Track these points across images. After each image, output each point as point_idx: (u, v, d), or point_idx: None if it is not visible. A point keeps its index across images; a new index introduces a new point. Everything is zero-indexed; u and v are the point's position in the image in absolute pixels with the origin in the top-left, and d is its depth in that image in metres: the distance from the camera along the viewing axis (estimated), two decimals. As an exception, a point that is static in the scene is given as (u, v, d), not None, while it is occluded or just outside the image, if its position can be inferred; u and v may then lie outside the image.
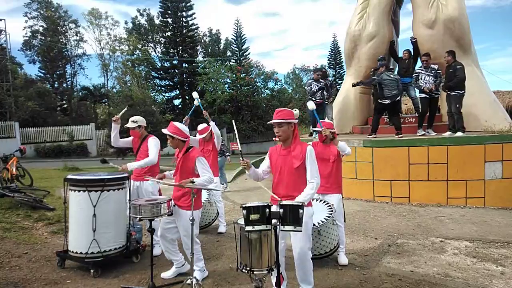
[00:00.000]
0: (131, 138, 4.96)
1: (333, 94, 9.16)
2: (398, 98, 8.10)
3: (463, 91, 7.36)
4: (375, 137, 8.07)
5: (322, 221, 4.12)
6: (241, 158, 3.26)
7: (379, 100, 8.18)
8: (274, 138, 3.26)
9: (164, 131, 3.85)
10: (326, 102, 9.24)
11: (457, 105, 7.40)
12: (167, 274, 4.05)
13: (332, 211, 4.23)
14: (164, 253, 4.10)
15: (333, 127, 4.51)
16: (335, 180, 4.36)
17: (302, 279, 3.27)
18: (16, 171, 9.12)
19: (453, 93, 7.42)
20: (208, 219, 5.65)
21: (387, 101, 7.95)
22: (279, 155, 3.31)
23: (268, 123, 3.31)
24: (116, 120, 4.75)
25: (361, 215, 6.59)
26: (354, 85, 8.89)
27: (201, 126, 5.88)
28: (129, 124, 4.75)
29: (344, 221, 4.50)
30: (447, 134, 7.61)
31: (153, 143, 4.72)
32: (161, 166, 5.30)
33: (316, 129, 4.60)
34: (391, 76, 7.99)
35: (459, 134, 7.38)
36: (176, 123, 3.92)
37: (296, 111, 4.37)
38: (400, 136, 7.88)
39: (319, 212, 4.22)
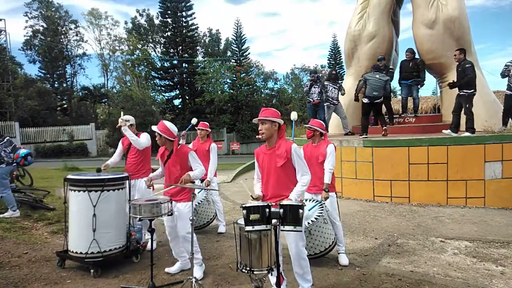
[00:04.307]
0: (119, 144, 5.10)
1: (334, 98, 9.14)
2: (380, 100, 8.10)
3: (472, 90, 7.22)
4: (366, 137, 8.11)
5: (312, 221, 4.10)
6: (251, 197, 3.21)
7: (362, 99, 8.29)
8: (257, 136, 3.29)
9: (154, 128, 3.92)
10: (336, 103, 9.20)
11: (467, 105, 7.27)
12: (171, 269, 4.11)
13: (322, 209, 4.22)
14: (172, 250, 4.15)
15: (323, 127, 4.51)
16: None
17: (300, 277, 3.29)
18: (16, 171, 9.11)
19: (461, 93, 7.29)
20: (207, 218, 5.65)
21: (366, 100, 8.09)
22: (264, 154, 3.34)
23: (253, 120, 3.34)
24: (106, 168, 4.80)
25: (361, 215, 6.58)
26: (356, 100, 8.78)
27: (203, 123, 5.89)
28: (121, 123, 4.84)
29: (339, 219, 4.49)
30: (447, 131, 7.58)
31: (144, 136, 4.93)
32: (154, 166, 5.32)
33: (305, 125, 4.63)
34: (376, 76, 8.01)
35: (466, 134, 7.30)
36: (166, 122, 3.95)
37: (293, 115, 4.39)
38: (384, 130, 8.01)
39: (309, 212, 4.21)
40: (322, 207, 4.24)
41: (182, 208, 3.87)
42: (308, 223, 4.07)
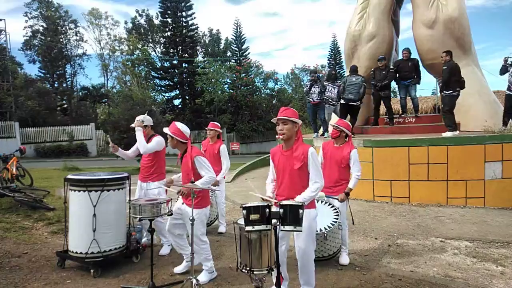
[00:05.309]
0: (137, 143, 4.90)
1: (334, 98, 9.19)
2: (356, 103, 8.41)
3: (450, 91, 7.38)
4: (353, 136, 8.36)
5: (329, 226, 4.15)
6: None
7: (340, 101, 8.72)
8: (277, 136, 3.22)
9: (166, 130, 3.85)
10: (336, 104, 9.25)
11: (443, 105, 7.54)
12: (179, 269, 4.10)
13: (338, 215, 4.24)
14: (175, 249, 4.14)
15: (350, 128, 4.40)
16: (342, 183, 4.31)
17: (305, 280, 3.26)
18: (16, 171, 9.12)
19: (443, 94, 7.52)
20: (208, 219, 5.64)
21: (342, 101, 8.50)
22: (281, 155, 3.27)
23: (272, 120, 3.27)
24: (114, 148, 4.73)
25: (361, 215, 6.58)
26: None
27: (213, 123, 5.78)
28: (136, 123, 4.74)
29: (353, 223, 4.46)
30: (446, 134, 7.62)
31: (156, 139, 4.76)
32: (166, 167, 5.29)
33: (332, 124, 4.55)
34: (353, 79, 8.40)
35: (448, 134, 7.46)
36: (178, 124, 3.90)
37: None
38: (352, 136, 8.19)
39: (325, 217, 4.23)
40: (338, 213, 4.26)
41: (188, 211, 3.74)
42: (325, 228, 4.11)
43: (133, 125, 4.67)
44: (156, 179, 4.77)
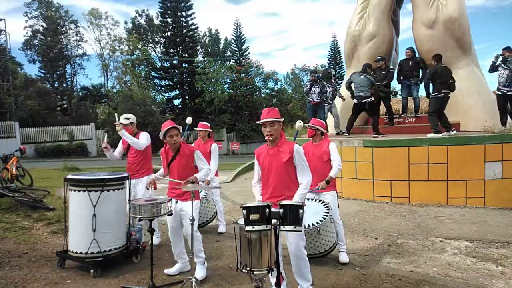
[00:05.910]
0: (120, 143, 5.02)
1: (329, 97, 9.22)
2: (369, 100, 8.26)
3: (435, 94, 7.55)
4: (347, 136, 8.39)
5: (320, 220, 4.15)
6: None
7: (353, 100, 8.60)
8: (266, 138, 3.23)
9: (172, 126, 3.84)
10: (331, 103, 9.29)
11: (429, 106, 7.80)
12: (170, 271, 4.10)
13: (328, 209, 4.26)
14: (173, 251, 4.13)
15: (324, 126, 4.56)
16: None
17: (299, 276, 3.29)
18: (16, 171, 9.12)
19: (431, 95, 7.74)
20: (206, 217, 5.65)
21: (355, 101, 8.40)
22: (266, 154, 3.32)
23: (257, 122, 3.31)
24: (107, 149, 4.79)
25: (361, 215, 6.58)
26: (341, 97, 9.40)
27: (202, 123, 5.86)
28: (122, 121, 4.83)
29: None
30: (445, 133, 7.63)
31: (144, 135, 4.90)
32: (155, 165, 5.31)
33: (307, 124, 4.67)
34: (361, 76, 8.26)
35: (431, 135, 7.54)
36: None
37: (298, 125, 4.41)
38: (377, 136, 8.18)
39: (316, 212, 4.25)
40: (328, 207, 4.28)
41: (187, 209, 3.80)
42: (317, 222, 4.13)
43: (116, 128, 4.72)
44: (145, 174, 4.86)
